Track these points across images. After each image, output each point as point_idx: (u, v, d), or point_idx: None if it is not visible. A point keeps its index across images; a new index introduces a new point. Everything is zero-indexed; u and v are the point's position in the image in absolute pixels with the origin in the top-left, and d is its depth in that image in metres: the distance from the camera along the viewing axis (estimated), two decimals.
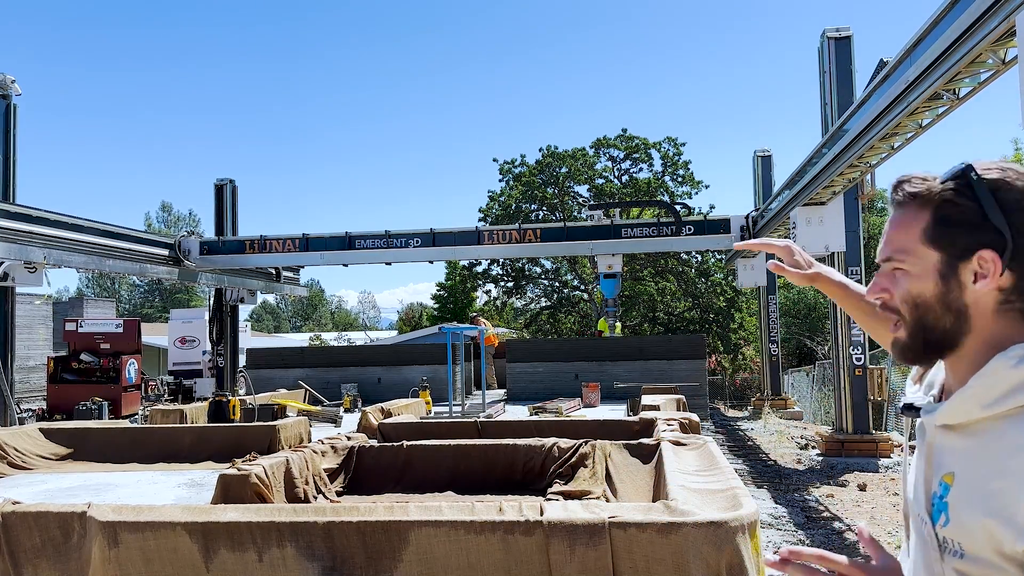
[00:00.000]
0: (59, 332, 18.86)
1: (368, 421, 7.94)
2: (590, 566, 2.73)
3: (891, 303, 1.21)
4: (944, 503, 1.16)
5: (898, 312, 1.20)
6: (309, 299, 71.49)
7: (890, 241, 1.21)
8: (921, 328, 1.18)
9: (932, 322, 1.17)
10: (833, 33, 12.11)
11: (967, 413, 1.14)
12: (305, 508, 3.07)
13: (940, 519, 1.16)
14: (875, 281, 1.23)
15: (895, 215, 1.22)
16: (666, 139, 31.30)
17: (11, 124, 13.27)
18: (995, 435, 1.11)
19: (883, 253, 1.22)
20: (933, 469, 1.21)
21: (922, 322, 1.18)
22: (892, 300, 1.21)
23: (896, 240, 1.20)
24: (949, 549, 1.15)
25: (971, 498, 1.11)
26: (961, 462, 1.15)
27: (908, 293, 1.18)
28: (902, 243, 1.19)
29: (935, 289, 1.16)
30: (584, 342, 18.71)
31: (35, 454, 6.95)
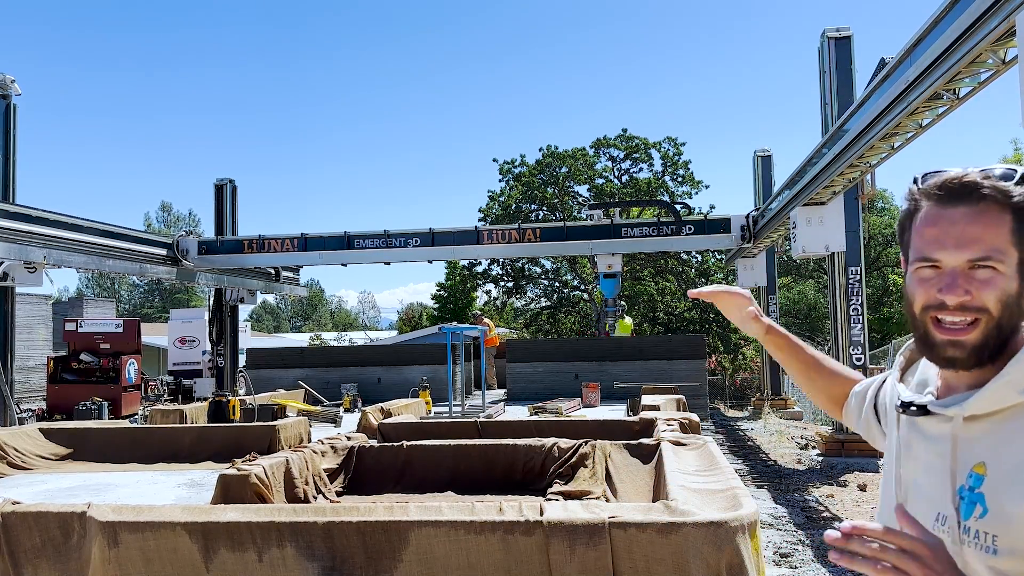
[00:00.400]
0: (59, 332, 18.85)
1: (368, 421, 7.94)
2: (590, 566, 2.73)
3: (973, 303, 1.18)
4: (979, 494, 1.15)
5: (983, 311, 1.17)
6: (309, 299, 71.46)
7: (979, 240, 1.16)
8: (1000, 327, 1.18)
9: (1009, 321, 1.17)
10: (833, 33, 12.10)
11: (1003, 400, 1.15)
12: (305, 508, 3.07)
13: (974, 512, 1.15)
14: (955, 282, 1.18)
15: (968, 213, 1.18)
16: (666, 139, 31.31)
17: (11, 124, 13.26)
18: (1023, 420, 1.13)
19: (971, 252, 1.17)
20: (959, 463, 1.20)
21: (1004, 321, 1.17)
22: (973, 301, 1.18)
23: (987, 239, 1.16)
24: (981, 545, 1.14)
25: (1012, 481, 1.11)
26: (995, 450, 1.15)
27: (1004, 292, 1.16)
28: (996, 242, 1.16)
29: (1017, 289, 1.17)
30: (584, 342, 18.70)
31: (35, 454, 6.95)
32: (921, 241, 1.22)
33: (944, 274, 1.19)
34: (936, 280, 1.20)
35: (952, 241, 1.17)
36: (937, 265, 1.20)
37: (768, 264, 19.71)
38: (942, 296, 1.18)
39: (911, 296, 1.24)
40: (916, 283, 1.23)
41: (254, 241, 15.67)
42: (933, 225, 1.20)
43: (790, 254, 14.02)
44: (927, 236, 1.21)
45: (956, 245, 1.17)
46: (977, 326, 1.18)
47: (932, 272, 1.21)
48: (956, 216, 1.18)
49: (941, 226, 1.19)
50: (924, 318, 1.22)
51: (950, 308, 1.18)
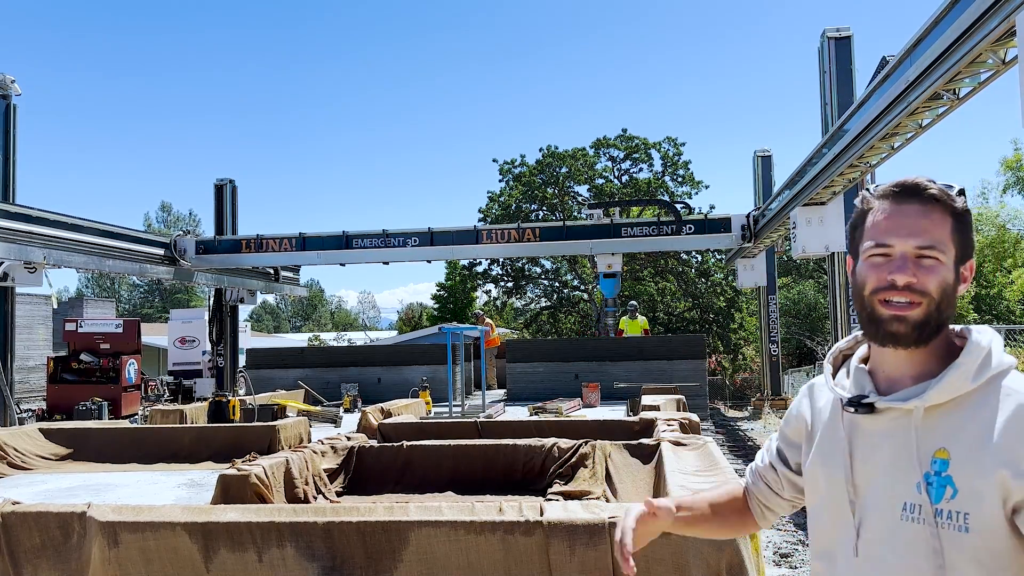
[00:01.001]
0: (59, 332, 18.84)
1: (368, 421, 7.94)
2: (590, 566, 2.73)
3: (917, 286, 1.32)
4: (947, 477, 1.26)
5: (925, 294, 1.32)
6: (309, 299, 71.48)
7: (926, 231, 1.33)
8: (941, 310, 1.33)
9: (947, 308, 1.33)
10: (833, 33, 12.10)
11: (958, 389, 1.29)
12: (305, 508, 3.07)
13: (945, 494, 1.26)
14: (905, 265, 1.33)
15: (920, 210, 1.35)
16: (666, 139, 31.32)
17: (11, 124, 13.27)
18: (980, 403, 1.28)
19: (921, 241, 1.33)
20: (921, 452, 1.30)
21: (944, 306, 1.33)
22: (918, 284, 1.32)
23: (933, 232, 1.33)
24: (954, 525, 1.24)
25: (978, 460, 1.24)
26: (954, 435, 1.28)
27: (943, 280, 1.33)
28: (940, 237, 1.33)
29: (953, 281, 1.35)
30: (584, 342, 18.70)
31: (35, 454, 6.95)
32: (874, 231, 1.37)
33: (895, 259, 1.34)
34: (887, 265, 1.35)
35: (904, 230, 1.34)
36: (888, 252, 1.35)
37: (768, 264, 19.70)
38: (892, 276, 1.33)
39: (862, 281, 1.38)
40: (868, 268, 1.37)
41: (252, 241, 15.67)
42: (887, 218, 1.36)
43: (790, 254, 14.02)
44: (881, 226, 1.36)
45: (908, 234, 1.33)
46: (919, 306, 1.32)
47: (883, 259, 1.35)
48: (909, 210, 1.35)
49: (895, 218, 1.35)
50: (872, 300, 1.36)
51: (898, 287, 1.33)
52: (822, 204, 11.54)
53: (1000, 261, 30.78)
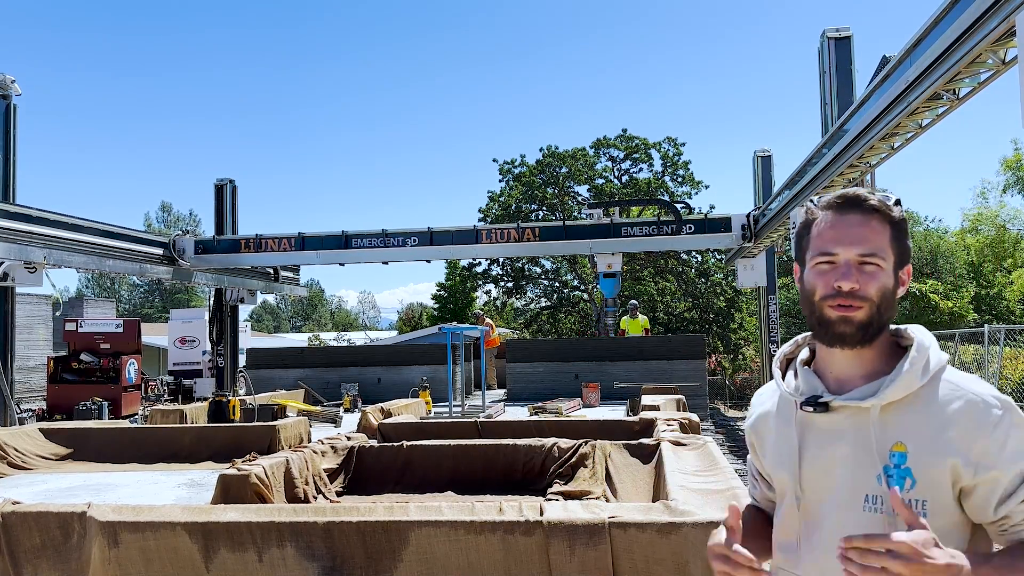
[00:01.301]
0: (59, 332, 18.83)
1: (368, 421, 7.94)
2: (590, 566, 2.73)
3: (860, 292, 1.42)
4: (906, 469, 1.37)
5: (867, 299, 1.42)
6: (309, 299, 71.50)
7: (867, 240, 1.43)
8: (882, 313, 1.43)
9: (887, 310, 1.44)
10: (833, 33, 12.09)
11: (911, 386, 1.39)
12: (305, 508, 3.08)
13: (905, 484, 1.37)
14: (849, 272, 1.42)
15: (861, 219, 1.45)
16: (666, 139, 31.31)
17: (11, 124, 13.26)
18: (929, 398, 1.39)
19: (862, 249, 1.43)
20: (879, 446, 1.40)
21: (885, 309, 1.44)
22: (861, 290, 1.42)
23: (874, 240, 1.44)
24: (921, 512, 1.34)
25: (933, 451, 1.35)
26: (909, 428, 1.38)
27: (883, 284, 1.43)
28: (880, 245, 1.44)
29: (892, 286, 1.45)
30: (584, 342, 18.69)
31: (35, 454, 6.95)
32: (820, 241, 1.47)
33: (839, 266, 1.44)
34: (832, 272, 1.44)
35: (848, 239, 1.44)
36: (833, 260, 1.44)
37: (768, 264, 19.67)
38: (838, 283, 1.43)
39: (811, 288, 1.47)
40: (815, 276, 1.47)
41: (251, 241, 15.62)
42: (832, 228, 1.46)
43: (790, 254, 14.00)
44: (826, 236, 1.46)
45: (851, 243, 1.43)
46: (862, 309, 1.42)
47: (829, 266, 1.45)
48: (851, 220, 1.45)
49: (839, 228, 1.45)
50: (821, 305, 1.45)
51: (843, 294, 1.42)
52: None
53: (1000, 261, 30.80)
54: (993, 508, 1.34)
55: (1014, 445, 1.33)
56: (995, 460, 1.33)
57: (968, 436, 1.34)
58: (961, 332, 14.91)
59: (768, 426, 1.60)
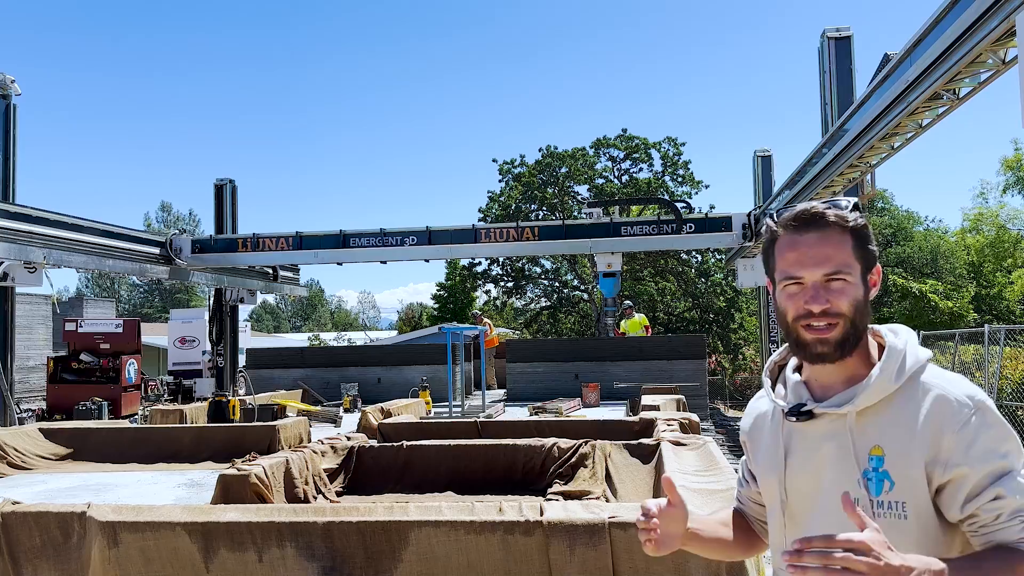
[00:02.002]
0: (59, 332, 18.83)
1: (368, 421, 7.94)
2: (590, 566, 2.73)
3: (832, 310, 1.41)
4: (884, 472, 1.38)
5: (840, 315, 1.41)
6: (309, 299, 71.46)
7: (831, 258, 1.42)
8: (857, 326, 1.43)
9: (861, 320, 1.44)
10: (833, 33, 12.09)
11: (884, 390, 1.40)
12: (305, 508, 3.07)
13: (883, 487, 1.37)
14: (817, 294, 1.42)
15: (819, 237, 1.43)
16: (666, 139, 31.33)
17: (11, 124, 13.26)
18: (904, 400, 1.39)
19: (828, 268, 1.41)
20: (857, 451, 1.41)
21: (859, 322, 1.43)
22: (832, 308, 1.41)
23: (836, 257, 1.42)
24: (894, 514, 1.36)
25: (908, 452, 1.36)
26: (885, 432, 1.39)
27: (855, 299, 1.42)
28: (843, 259, 1.42)
29: (863, 295, 1.44)
30: (584, 342, 18.69)
31: (35, 454, 6.95)
32: (784, 263, 1.46)
33: (807, 288, 1.43)
34: (801, 294, 1.43)
35: (810, 261, 1.42)
36: (800, 282, 1.43)
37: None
38: (808, 306, 1.42)
39: (783, 310, 1.47)
40: (786, 298, 1.46)
41: (248, 240, 15.55)
42: (793, 249, 1.45)
43: None
44: (789, 259, 1.45)
45: (814, 264, 1.42)
46: (836, 327, 1.42)
47: (797, 288, 1.44)
48: (810, 240, 1.43)
49: (800, 249, 1.44)
50: (796, 326, 1.45)
51: (815, 315, 1.42)
52: None
53: (1000, 261, 30.79)
54: (960, 506, 1.33)
55: (984, 444, 1.32)
56: (962, 457, 1.32)
57: (937, 434, 1.34)
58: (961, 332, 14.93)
59: (762, 432, 1.62)
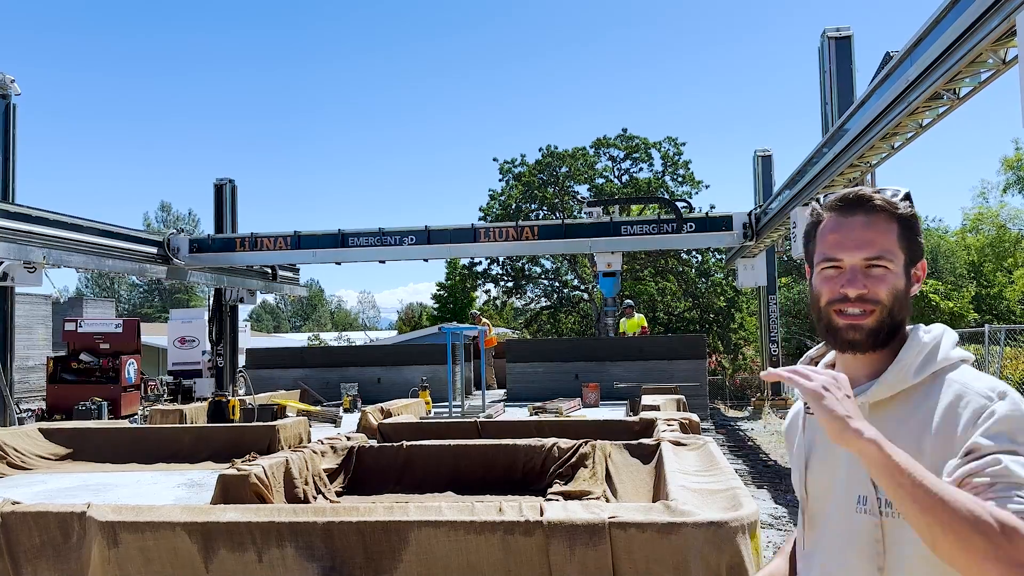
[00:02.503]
0: (59, 332, 18.83)
1: (368, 421, 7.94)
2: (590, 566, 2.72)
3: (869, 296, 1.37)
4: None
5: (878, 303, 1.37)
6: (309, 299, 71.45)
7: (873, 243, 1.38)
8: (894, 316, 1.38)
9: (899, 312, 1.39)
10: (833, 33, 12.09)
11: (902, 382, 1.35)
12: (305, 508, 3.07)
13: None
14: (856, 277, 1.38)
15: (866, 221, 1.39)
16: (666, 139, 31.31)
17: (11, 124, 13.26)
18: (924, 396, 1.33)
19: (869, 252, 1.38)
20: None
21: (897, 312, 1.38)
22: (869, 294, 1.37)
23: (880, 242, 1.38)
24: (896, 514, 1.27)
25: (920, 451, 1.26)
26: (900, 428, 1.31)
27: (895, 288, 1.38)
28: (886, 246, 1.38)
29: (904, 287, 1.40)
30: (584, 342, 18.69)
31: (35, 454, 6.94)
32: (825, 245, 1.42)
33: (845, 272, 1.39)
34: (839, 277, 1.40)
35: (852, 243, 1.39)
36: (839, 265, 1.40)
37: (768, 264, 19.69)
38: (844, 290, 1.38)
39: (818, 293, 1.43)
40: (822, 281, 1.42)
41: (246, 239, 15.48)
42: (835, 231, 1.41)
43: (790, 254, 14.00)
44: (830, 241, 1.41)
45: (855, 247, 1.38)
46: (872, 314, 1.37)
47: (835, 271, 1.40)
48: (855, 223, 1.40)
49: (842, 231, 1.40)
50: (828, 311, 1.41)
51: (851, 300, 1.37)
52: None
53: (1000, 261, 30.79)
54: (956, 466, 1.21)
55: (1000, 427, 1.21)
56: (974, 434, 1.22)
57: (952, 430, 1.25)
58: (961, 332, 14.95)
59: (795, 431, 1.58)
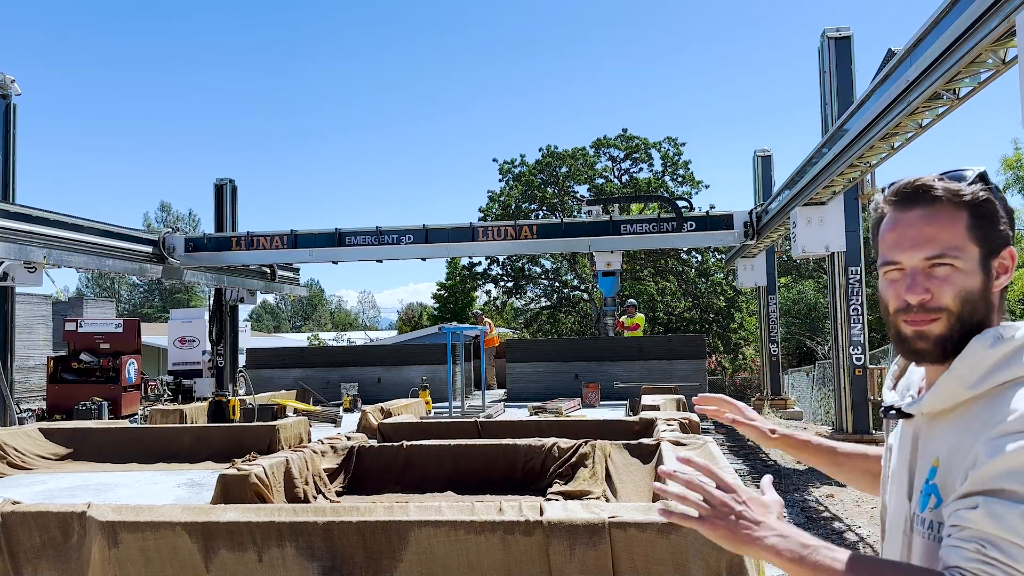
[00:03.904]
0: (59, 332, 18.84)
1: (368, 421, 7.94)
2: (590, 566, 2.72)
3: (932, 304, 1.22)
4: (932, 486, 1.19)
5: (942, 309, 1.21)
6: (309, 299, 71.46)
7: (933, 239, 1.21)
8: (966, 322, 1.21)
9: (972, 314, 1.21)
10: (833, 33, 12.09)
11: (953, 396, 1.19)
12: (305, 508, 3.07)
13: (929, 503, 1.19)
14: (914, 282, 1.22)
15: (924, 214, 1.22)
16: (666, 139, 31.33)
17: (11, 124, 13.26)
18: (976, 412, 1.16)
19: (928, 251, 1.21)
20: (919, 459, 1.25)
21: (970, 317, 1.21)
22: (933, 300, 1.21)
23: (942, 237, 1.20)
24: (934, 536, 1.17)
25: (958, 469, 1.14)
26: (947, 445, 1.19)
27: (963, 288, 1.20)
28: (951, 240, 1.20)
29: (980, 284, 1.21)
30: (584, 342, 18.69)
31: (35, 454, 6.94)
32: (884, 246, 1.27)
33: (906, 275, 1.24)
34: (901, 281, 1.24)
35: (909, 242, 1.22)
36: (900, 267, 1.25)
37: (768, 264, 19.70)
38: (906, 296, 1.23)
39: (884, 299, 1.29)
40: (886, 286, 1.28)
41: (242, 238, 15.40)
42: (892, 229, 1.26)
43: (790, 254, 14.00)
44: (888, 240, 1.26)
45: (912, 246, 1.22)
46: (938, 322, 1.21)
47: (898, 274, 1.25)
48: (912, 218, 1.23)
49: (899, 229, 1.24)
50: (895, 320, 1.26)
51: (914, 308, 1.22)
52: (822, 204, 11.53)
53: None
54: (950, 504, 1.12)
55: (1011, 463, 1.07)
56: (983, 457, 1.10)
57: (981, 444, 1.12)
58: None
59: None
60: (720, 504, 1.24)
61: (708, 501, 1.25)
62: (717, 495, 1.25)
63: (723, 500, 1.24)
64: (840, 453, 1.70)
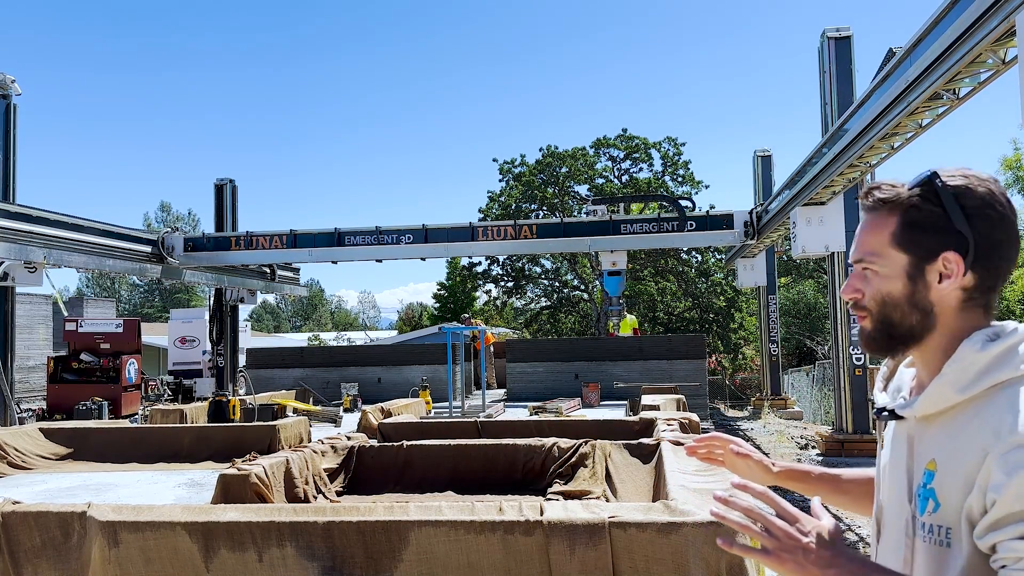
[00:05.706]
0: (59, 332, 18.84)
1: (368, 421, 7.95)
2: (590, 566, 2.73)
3: (862, 302, 1.30)
4: (930, 490, 1.20)
5: (864, 309, 1.29)
6: (309, 299, 71.48)
7: (861, 244, 1.29)
8: (886, 323, 1.27)
9: (898, 319, 1.26)
10: (833, 33, 12.09)
11: (945, 400, 1.20)
12: (305, 508, 3.07)
13: (927, 507, 1.20)
14: (848, 282, 1.31)
15: (866, 219, 1.30)
16: (666, 139, 31.31)
17: (11, 124, 13.25)
18: (969, 416, 1.17)
19: (854, 255, 1.30)
20: (915, 461, 1.26)
21: (888, 318, 1.27)
22: (863, 299, 1.29)
23: (867, 243, 1.28)
24: (934, 539, 1.19)
25: (957, 473, 1.15)
26: (942, 448, 1.20)
27: (878, 292, 1.27)
28: (872, 246, 1.27)
29: (903, 289, 1.25)
30: (584, 342, 18.69)
31: (35, 454, 6.95)
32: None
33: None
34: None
35: (853, 245, 1.32)
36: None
37: (768, 264, 19.71)
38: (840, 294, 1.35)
39: None
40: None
41: (241, 238, 15.37)
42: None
43: (790, 254, 14.00)
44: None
45: (853, 248, 1.32)
46: (866, 319, 1.30)
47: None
48: (863, 221, 1.31)
49: (857, 231, 1.33)
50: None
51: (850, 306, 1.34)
52: (822, 204, 11.53)
53: None
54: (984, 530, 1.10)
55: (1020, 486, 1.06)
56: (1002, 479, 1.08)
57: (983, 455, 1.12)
58: None
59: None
60: (785, 536, 1.22)
61: (770, 531, 1.23)
62: (780, 526, 1.23)
63: (788, 532, 1.23)
64: (844, 480, 1.69)
